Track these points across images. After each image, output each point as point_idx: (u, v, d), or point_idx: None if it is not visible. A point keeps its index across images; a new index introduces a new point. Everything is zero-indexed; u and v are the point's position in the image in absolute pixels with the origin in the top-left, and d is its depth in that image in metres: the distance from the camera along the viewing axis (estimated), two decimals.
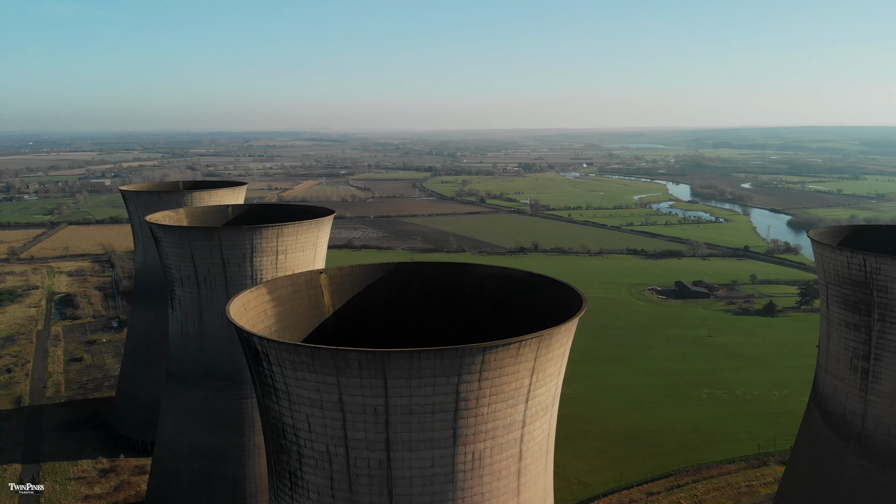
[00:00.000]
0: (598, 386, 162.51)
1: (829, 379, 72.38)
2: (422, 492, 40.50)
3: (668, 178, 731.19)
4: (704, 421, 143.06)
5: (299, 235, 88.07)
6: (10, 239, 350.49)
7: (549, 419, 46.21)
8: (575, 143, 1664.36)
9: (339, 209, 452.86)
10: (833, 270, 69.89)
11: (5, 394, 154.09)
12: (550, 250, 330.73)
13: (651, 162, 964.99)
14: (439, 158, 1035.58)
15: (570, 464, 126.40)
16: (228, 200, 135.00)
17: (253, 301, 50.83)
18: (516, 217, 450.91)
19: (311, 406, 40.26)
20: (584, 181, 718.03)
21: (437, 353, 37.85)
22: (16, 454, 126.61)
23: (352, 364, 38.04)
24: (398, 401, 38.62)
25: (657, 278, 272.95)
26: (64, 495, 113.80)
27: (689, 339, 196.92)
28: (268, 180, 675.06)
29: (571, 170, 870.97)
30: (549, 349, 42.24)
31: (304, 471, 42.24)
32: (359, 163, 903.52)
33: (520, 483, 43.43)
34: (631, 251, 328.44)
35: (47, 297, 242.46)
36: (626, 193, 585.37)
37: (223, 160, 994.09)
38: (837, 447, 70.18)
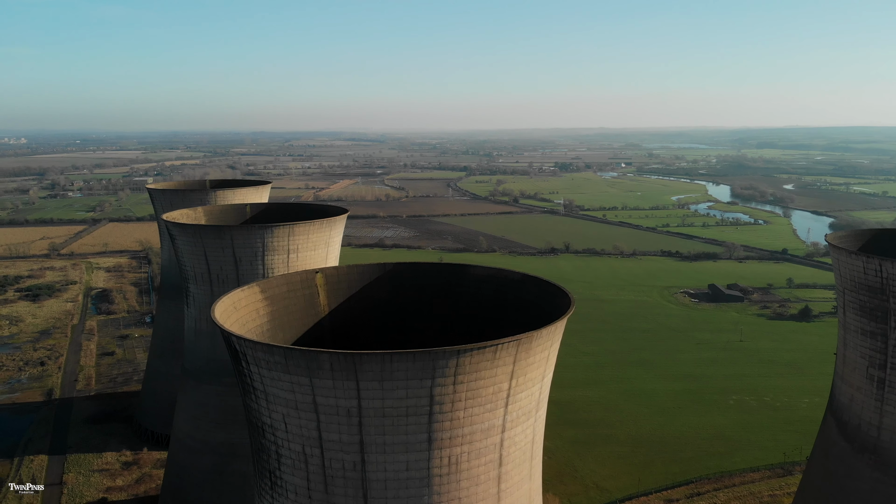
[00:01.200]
0: (622, 390, 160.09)
1: (844, 388, 69.90)
2: (397, 495, 40.07)
3: (708, 178, 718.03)
4: (730, 428, 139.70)
5: (310, 234, 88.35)
6: (53, 235, 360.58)
7: (534, 424, 45.25)
8: (614, 142, 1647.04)
9: (372, 208, 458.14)
10: (849, 276, 67.46)
11: (37, 386, 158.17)
12: (582, 251, 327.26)
13: (691, 162, 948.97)
14: (475, 158, 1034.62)
15: (589, 468, 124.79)
16: (252, 199, 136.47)
17: (244, 300, 50.97)
18: (549, 217, 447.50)
19: (287, 406, 40.16)
20: (621, 181, 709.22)
21: (409, 356, 37.36)
22: (43, 445, 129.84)
23: (323, 365, 37.80)
24: (371, 403, 38.24)
25: (690, 281, 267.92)
26: (87, 487, 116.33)
27: (720, 343, 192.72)
28: (305, 179, 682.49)
29: (609, 169, 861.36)
30: (530, 353, 41.38)
31: (283, 471, 42.17)
32: (395, 162, 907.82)
33: (500, 489, 42.67)
34: (665, 253, 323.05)
35: (84, 292, 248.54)
36: (663, 194, 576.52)
37: (263, 159, 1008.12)
38: (852, 458, 67.71)
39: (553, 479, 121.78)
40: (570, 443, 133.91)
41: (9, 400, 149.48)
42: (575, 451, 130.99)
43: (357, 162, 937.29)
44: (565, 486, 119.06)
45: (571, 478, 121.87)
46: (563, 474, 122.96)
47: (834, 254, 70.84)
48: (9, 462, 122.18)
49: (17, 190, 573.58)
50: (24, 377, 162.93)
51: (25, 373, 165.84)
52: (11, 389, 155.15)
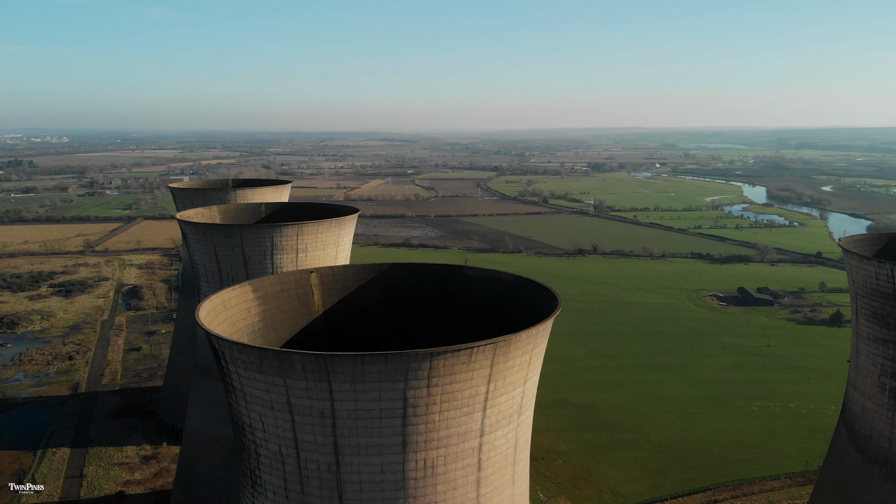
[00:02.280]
0: (642, 394, 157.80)
1: (856, 397, 67.79)
2: (372, 497, 39.82)
3: (744, 179, 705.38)
4: (752, 434, 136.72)
5: (319, 234, 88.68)
6: (88, 232, 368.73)
7: (517, 429, 44.58)
8: (650, 142, 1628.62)
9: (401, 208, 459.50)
10: (861, 281, 65.38)
11: (64, 380, 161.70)
12: (610, 252, 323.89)
13: (728, 163, 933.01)
14: (507, 158, 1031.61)
15: (604, 473, 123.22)
16: (272, 198, 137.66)
17: (234, 299, 51.21)
18: (579, 218, 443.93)
19: (263, 406, 40.20)
20: (654, 181, 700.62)
21: (380, 358, 37.08)
22: (66, 438, 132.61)
23: (296, 366, 37.73)
24: (344, 405, 38.05)
25: (720, 284, 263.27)
26: (106, 480, 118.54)
27: (747, 348, 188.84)
28: (337, 179, 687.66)
29: (643, 170, 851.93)
30: (509, 356, 40.76)
31: (262, 470, 42.24)
32: (426, 162, 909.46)
33: (480, 493, 42.13)
34: (696, 255, 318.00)
35: (115, 289, 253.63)
36: (697, 195, 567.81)
37: (297, 159, 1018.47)
38: (862, 469, 65.60)
39: (567, 482, 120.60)
40: (586, 446, 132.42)
41: (36, 393, 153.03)
42: (591, 455, 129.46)
43: (389, 162, 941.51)
44: (579, 491, 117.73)
45: (586, 482, 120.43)
46: (577, 478, 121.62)
47: (846, 258, 68.77)
48: (32, 454, 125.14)
49: (56, 188, 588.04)
50: (52, 371, 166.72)
51: (54, 367, 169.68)
52: (39, 383, 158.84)
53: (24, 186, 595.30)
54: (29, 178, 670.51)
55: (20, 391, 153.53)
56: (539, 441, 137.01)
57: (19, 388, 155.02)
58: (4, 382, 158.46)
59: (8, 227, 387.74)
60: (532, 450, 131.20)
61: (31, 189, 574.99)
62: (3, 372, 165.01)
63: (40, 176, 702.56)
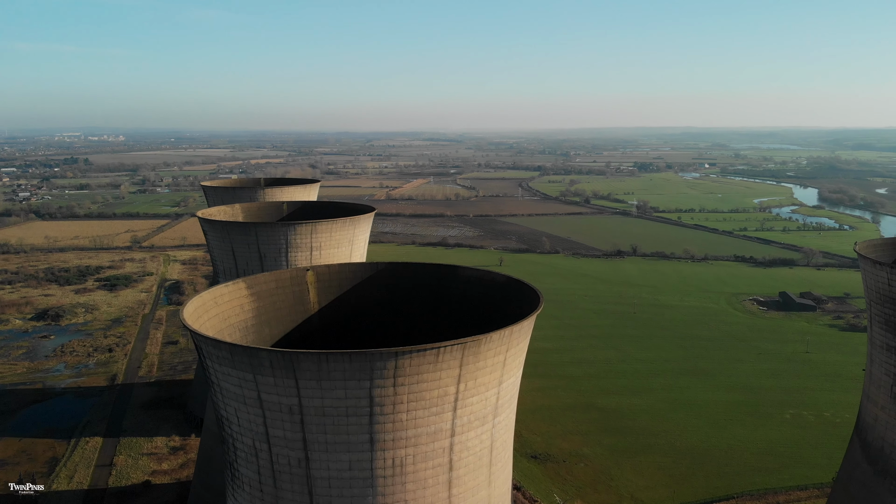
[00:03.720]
0: (671, 399, 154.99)
1: (869, 407, 65.51)
2: (341, 494, 40.24)
3: (795, 181, 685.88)
4: (782, 443, 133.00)
5: (333, 233, 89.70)
6: (137, 228, 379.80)
7: (492, 430, 44.42)
8: (701, 142, 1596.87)
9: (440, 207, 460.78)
10: (874, 287, 63.20)
11: (103, 372, 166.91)
12: (650, 254, 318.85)
13: (780, 163, 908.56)
14: (551, 158, 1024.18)
15: (625, 478, 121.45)
16: (300, 197, 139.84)
17: (227, 295, 52.27)
18: (620, 219, 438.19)
19: (237, 401, 41.01)
20: (702, 182, 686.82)
21: (345, 357, 37.45)
22: (100, 428, 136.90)
23: (264, 362, 38.40)
24: (311, 402, 38.56)
25: (762, 288, 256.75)
26: (134, 469, 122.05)
27: (784, 354, 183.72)
28: (380, 178, 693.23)
29: (691, 170, 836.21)
30: (479, 357, 40.68)
31: (239, 463, 43.11)
32: (469, 162, 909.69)
33: (452, 494, 42.15)
34: (738, 258, 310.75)
35: (158, 284, 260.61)
36: (745, 196, 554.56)
37: (343, 159, 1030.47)
38: (874, 482, 63.38)
39: (587, 486, 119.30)
40: (608, 450, 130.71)
41: (74, 384, 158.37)
42: (613, 459, 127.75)
43: (432, 161, 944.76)
44: (598, 495, 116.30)
45: (605, 486, 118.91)
46: (597, 482, 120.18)
47: (861, 263, 66.53)
48: (66, 443, 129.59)
49: (109, 185, 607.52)
50: (91, 363, 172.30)
51: (94, 358, 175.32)
52: (79, 374, 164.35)
53: (78, 183, 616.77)
54: (84, 176, 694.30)
55: (59, 381, 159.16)
56: (561, 444, 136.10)
57: (59, 379, 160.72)
58: (45, 373, 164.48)
59: (60, 222, 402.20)
60: (554, 452, 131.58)
61: (85, 186, 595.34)
62: (44, 362, 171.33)
63: (95, 173, 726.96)
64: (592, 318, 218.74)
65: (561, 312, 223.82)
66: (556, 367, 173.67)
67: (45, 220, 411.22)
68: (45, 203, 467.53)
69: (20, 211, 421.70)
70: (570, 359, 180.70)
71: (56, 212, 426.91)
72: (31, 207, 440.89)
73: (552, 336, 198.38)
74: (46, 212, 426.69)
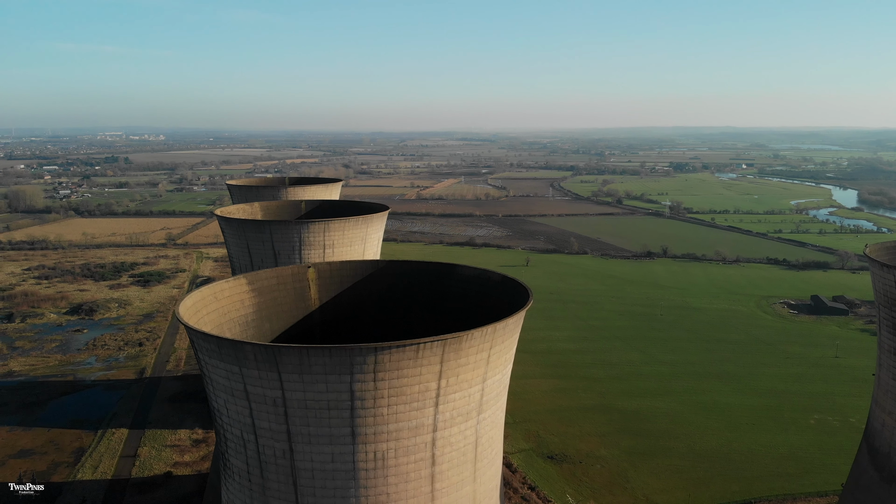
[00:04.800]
0: (693, 402, 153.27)
1: (878, 412, 64.43)
2: (324, 485, 41.17)
3: (834, 182, 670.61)
4: (805, 448, 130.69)
5: (346, 231, 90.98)
6: (172, 226, 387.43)
7: (477, 427, 44.92)
8: (739, 142, 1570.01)
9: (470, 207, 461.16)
10: (883, 290, 62.16)
11: (132, 365, 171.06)
12: (681, 256, 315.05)
13: (819, 164, 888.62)
14: (585, 157, 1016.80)
15: (642, 480, 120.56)
16: (322, 196, 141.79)
17: (227, 290, 53.66)
18: (652, 219, 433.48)
19: (226, 392, 42.22)
20: (738, 183, 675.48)
21: (325, 351, 38.34)
22: (126, 420, 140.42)
23: (248, 356, 39.50)
24: (293, 395, 39.56)
25: (793, 291, 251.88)
26: (157, 460, 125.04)
27: (812, 358, 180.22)
28: (412, 178, 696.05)
29: (728, 171, 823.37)
30: (460, 354, 41.25)
31: (230, 454, 44.35)
32: (501, 161, 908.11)
33: (435, 488, 42.78)
34: (771, 260, 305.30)
35: (190, 280, 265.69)
36: (782, 198, 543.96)
37: (377, 158, 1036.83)
38: (880, 489, 62.33)
39: (602, 488, 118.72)
40: (626, 452, 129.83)
41: (104, 377, 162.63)
42: (630, 461, 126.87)
43: (465, 161, 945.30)
44: (613, 497, 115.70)
45: (621, 488, 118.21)
46: (613, 484, 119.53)
47: (870, 266, 65.41)
48: (93, 433, 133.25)
49: (148, 183, 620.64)
50: (121, 356, 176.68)
51: (124, 352, 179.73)
52: (109, 367, 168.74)
53: (117, 181, 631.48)
54: (123, 174, 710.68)
55: (90, 374, 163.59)
56: (578, 445, 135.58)
57: (89, 371, 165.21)
58: (76, 365, 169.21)
59: (99, 219, 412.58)
60: (570, 453, 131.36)
61: (124, 184, 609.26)
62: (76, 355, 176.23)
63: (134, 172, 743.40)
64: (617, 320, 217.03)
65: (585, 313, 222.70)
66: (577, 368, 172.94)
67: (84, 217, 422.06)
68: (85, 200, 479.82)
69: (60, 208, 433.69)
70: (593, 360, 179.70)
71: (95, 209, 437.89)
72: (70, 205, 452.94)
73: (575, 337, 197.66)
74: (85, 209, 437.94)
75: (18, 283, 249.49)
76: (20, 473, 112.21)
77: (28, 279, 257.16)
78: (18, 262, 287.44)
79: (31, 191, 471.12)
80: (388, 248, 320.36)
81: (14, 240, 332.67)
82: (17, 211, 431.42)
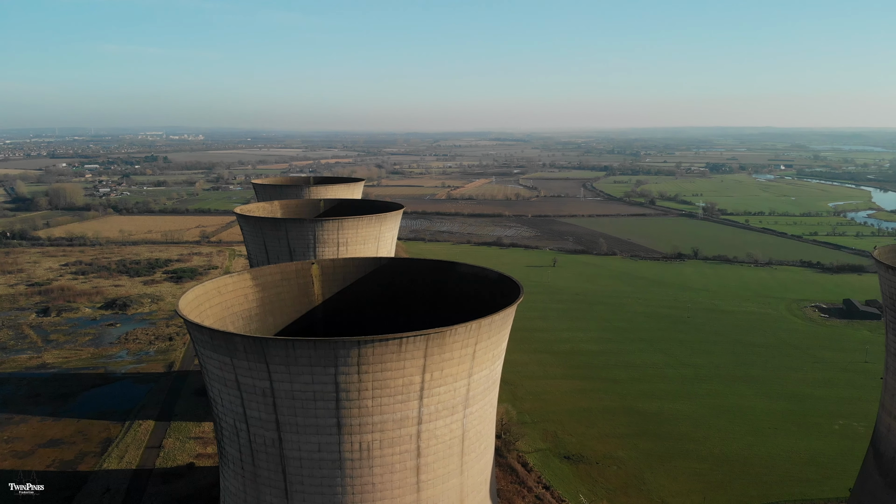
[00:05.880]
0: (715, 405, 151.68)
1: (884, 417, 63.65)
2: (311, 474, 42.49)
3: (876, 184, 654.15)
4: (827, 454, 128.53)
5: (360, 229, 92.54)
6: (207, 224, 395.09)
7: (463, 420, 45.81)
8: (779, 142, 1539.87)
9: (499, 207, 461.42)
10: (889, 293, 61.38)
11: (161, 359, 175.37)
12: (712, 258, 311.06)
13: (861, 166, 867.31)
14: (620, 157, 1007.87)
15: (658, 482, 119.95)
16: (345, 195, 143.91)
17: (231, 285, 55.42)
18: (685, 221, 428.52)
19: (219, 383, 43.81)
20: (775, 184, 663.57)
21: (310, 344, 39.63)
22: (153, 412, 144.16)
23: (238, 347, 41.00)
24: (281, 385, 40.95)
25: (826, 294, 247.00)
26: (181, 452, 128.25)
27: (841, 363, 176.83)
28: (443, 178, 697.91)
29: (766, 172, 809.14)
30: (444, 349, 42.19)
31: (225, 442, 45.99)
32: (533, 162, 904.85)
33: (420, 479, 43.79)
34: (805, 263, 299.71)
35: None
36: (820, 200, 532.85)
37: (409, 159, 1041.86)
38: (885, 494, 61.58)
39: (617, 489, 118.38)
40: (644, 454, 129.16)
41: (134, 370, 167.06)
42: (648, 463, 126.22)
43: (497, 161, 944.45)
44: (627, 498, 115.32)
45: (636, 490, 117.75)
46: (628, 486, 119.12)
47: (877, 269, 64.63)
48: (120, 425, 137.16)
49: (185, 182, 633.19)
50: (152, 350, 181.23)
51: (154, 346, 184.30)
52: (139, 360, 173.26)
53: (156, 180, 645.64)
54: (162, 173, 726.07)
55: (120, 367, 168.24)
56: (596, 446, 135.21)
57: (120, 364, 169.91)
58: (108, 359, 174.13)
59: (136, 216, 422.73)
60: (587, 454, 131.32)
61: (162, 183, 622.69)
62: (108, 349, 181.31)
63: (172, 171, 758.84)
64: (643, 322, 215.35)
65: (611, 315, 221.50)
66: (599, 369, 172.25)
67: (122, 214, 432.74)
68: (123, 199, 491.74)
69: (99, 206, 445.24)
70: (616, 362, 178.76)
71: (132, 207, 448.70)
72: (109, 202, 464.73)
73: (599, 338, 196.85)
74: (123, 207, 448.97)
75: (56, 279, 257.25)
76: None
77: (65, 274, 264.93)
78: (57, 258, 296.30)
79: (71, 189, 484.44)
80: (415, 247, 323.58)
81: (53, 236, 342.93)
82: (58, 208, 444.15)
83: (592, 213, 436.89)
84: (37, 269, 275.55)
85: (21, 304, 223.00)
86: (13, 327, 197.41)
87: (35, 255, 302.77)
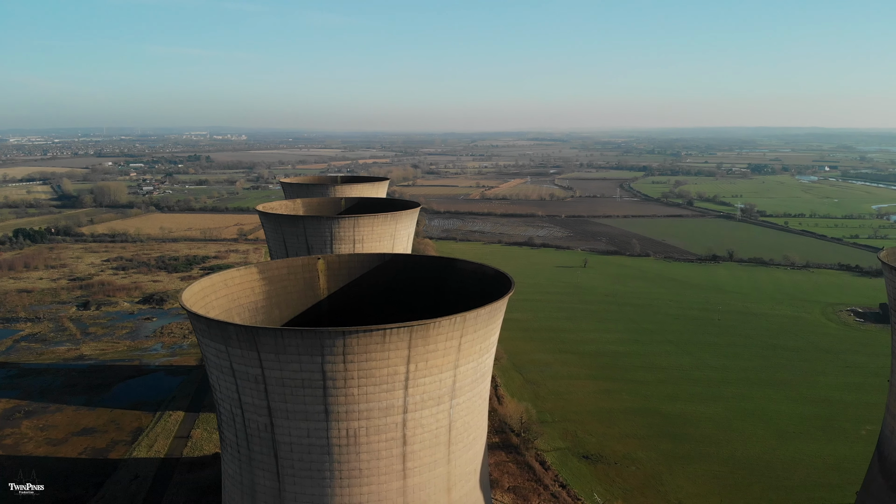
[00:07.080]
0: (741, 408, 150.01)
1: (888, 419, 63.20)
2: (301, 458, 44.41)
3: None
4: (852, 459, 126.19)
5: (375, 227, 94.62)
6: (245, 222, 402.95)
7: (450, 411, 47.23)
8: (826, 143, 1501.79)
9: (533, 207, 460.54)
10: (894, 294, 61.02)
11: (194, 352, 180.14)
12: (747, 260, 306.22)
13: None
14: (659, 157, 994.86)
15: (676, 483, 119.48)
16: (369, 194, 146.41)
17: (238, 278, 57.81)
18: (722, 222, 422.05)
19: (217, 370, 46.07)
20: (818, 186, 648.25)
21: (297, 333, 41.52)
22: (184, 403, 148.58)
23: (231, 335, 43.12)
24: (272, 373, 42.95)
25: (862, 298, 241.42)
26: (207, 442, 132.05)
27: (873, 368, 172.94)
28: (478, 178, 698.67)
29: (809, 173, 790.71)
30: (428, 341, 43.66)
31: (224, 427, 48.27)
32: (570, 162, 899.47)
33: (406, 467, 45.35)
34: (843, 266, 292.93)
35: None
36: (864, 202, 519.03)
37: (445, 159, 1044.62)
38: (888, 498, 61.18)
39: (634, 489, 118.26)
40: (663, 456, 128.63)
41: (167, 362, 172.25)
42: (667, 464, 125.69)
43: (533, 161, 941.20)
44: (644, 498, 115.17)
45: (654, 491, 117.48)
46: (645, 486, 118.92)
47: (884, 271, 64.12)
48: (151, 415, 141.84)
49: (226, 181, 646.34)
50: (185, 343, 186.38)
51: (188, 340, 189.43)
52: (173, 353, 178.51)
53: (198, 179, 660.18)
54: (204, 172, 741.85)
55: (155, 359, 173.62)
56: (615, 446, 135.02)
57: (154, 357, 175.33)
58: (143, 351, 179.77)
59: (177, 214, 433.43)
60: (606, 454, 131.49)
61: (203, 181, 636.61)
62: (144, 342, 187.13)
63: (214, 170, 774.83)
64: (671, 324, 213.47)
65: (639, 316, 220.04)
66: (624, 370, 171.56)
67: (163, 212, 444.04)
68: (165, 197, 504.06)
69: (142, 203, 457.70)
70: (641, 363, 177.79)
71: (174, 205, 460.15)
72: (151, 200, 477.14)
73: (626, 340, 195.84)
74: (165, 205, 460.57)
75: (97, 273, 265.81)
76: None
77: (106, 269, 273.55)
78: (99, 254, 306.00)
79: (115, 186, 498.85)
80: (445, 246, 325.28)
81: (96, 233, 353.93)
82: (102, 205, 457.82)
83: (628, 214, 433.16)
84: (79, 264, 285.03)
85: (62, 297, 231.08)
86: (54, 320, 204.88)
87: (78, 251, 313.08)
